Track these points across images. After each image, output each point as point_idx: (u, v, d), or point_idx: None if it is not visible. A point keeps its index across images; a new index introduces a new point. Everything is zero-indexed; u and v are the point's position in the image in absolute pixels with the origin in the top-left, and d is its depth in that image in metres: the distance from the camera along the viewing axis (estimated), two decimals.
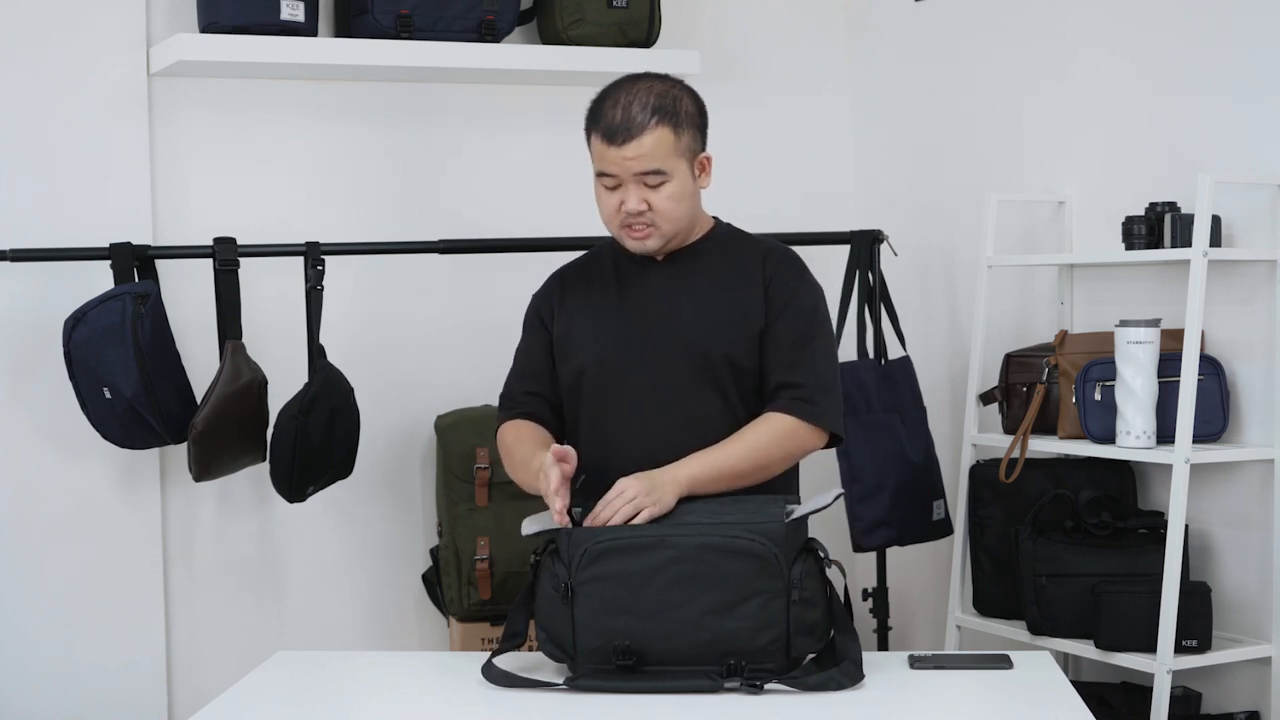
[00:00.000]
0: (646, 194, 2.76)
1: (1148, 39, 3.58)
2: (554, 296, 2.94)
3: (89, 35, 3.70)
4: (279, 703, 2.60)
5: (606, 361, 2.83)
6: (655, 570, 2.52)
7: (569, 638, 2.54)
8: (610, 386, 2.83)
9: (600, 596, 2.52)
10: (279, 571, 3.94)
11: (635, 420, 2.80)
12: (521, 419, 2.90)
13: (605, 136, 2.76)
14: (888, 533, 3.85)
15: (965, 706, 2.54)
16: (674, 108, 2.76)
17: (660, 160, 2.75)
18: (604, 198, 2.81)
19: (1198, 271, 3.22)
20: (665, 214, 2.78)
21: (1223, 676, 3.41)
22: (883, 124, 4.36)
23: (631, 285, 2.87)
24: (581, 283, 2.93)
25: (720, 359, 2.80)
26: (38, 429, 3.69)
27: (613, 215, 2.81)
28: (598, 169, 2.80)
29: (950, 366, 4.10)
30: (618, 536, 2.54)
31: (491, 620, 3.82)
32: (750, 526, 2.53)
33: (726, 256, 2.88)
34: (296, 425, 3.55)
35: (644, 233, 2.79)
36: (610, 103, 2.78)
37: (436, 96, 4.05)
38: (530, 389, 2.92)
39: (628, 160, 2.74)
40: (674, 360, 2.80)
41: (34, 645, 3.70)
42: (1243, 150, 3.36)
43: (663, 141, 2.74)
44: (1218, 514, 3.44)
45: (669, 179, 2.76)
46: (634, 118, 2.74)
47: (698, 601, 2.51)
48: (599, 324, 2.86)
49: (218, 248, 3.58)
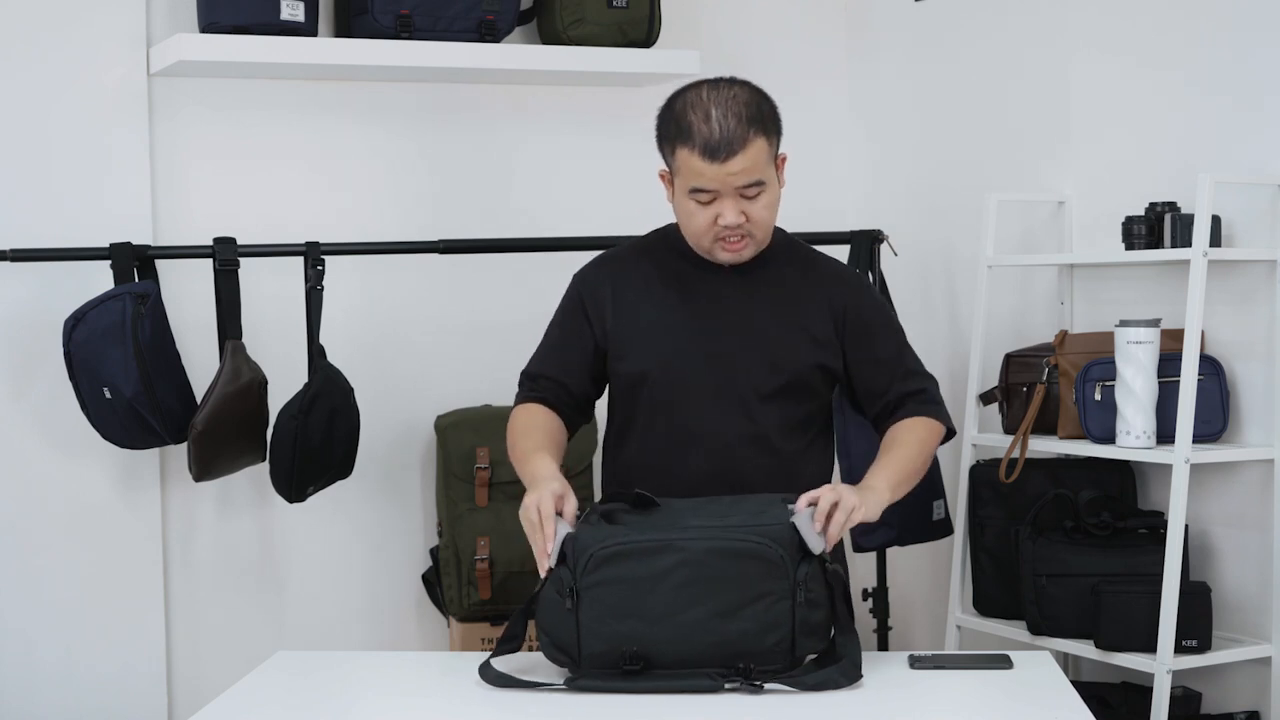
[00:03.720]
0: (745, 205, 2.70)
1: (1148, 39, 3.58)
2: (605, 287, 2.85)
3: (89, 35, 3.70)
4: (279, 703, 2.60)
5: (673, 366, 2.79)
6: (663, 574, 2.49)
7: (573, 642, 2.51)
8: (675, 391, 2.79)
9: (606, 601, 2.49)
10: (279, 571, 3.94)
11: (699, 427, 2.77)
12: (539, 403, 2.86)
13: (706, 153, 2.66)
14: (888, 533, 3.85)
15: (965, 706, 2.53)
16: (763, 115, 2.71)
17: (761, 171, 2.69)
18: (696, 213, 2.72)
19: (1198, 271, 3.22)
20: (762, 223, 2.74)
21: (1223, 676, 3.41)
22: (883, 124, 4.36)
23: (698, 289, 2.82)
24: (638, 279, 2.86)
25: (780, 376, 2.80)
26: (38, 429, 3.69)
27: (706, 230, 2.73)
28: (692, 185, 2.69)
29: (950, 366, 4.10)
30: (624, 541, 2.51)
31: (492, 620, 3.82)
32: (757, 529, 2.51)
33: (794, 269, 2.86)
34: (296, 425, 3.56)
35: (740, 244, 2.74)
36: (698, 115, 2.69)
37: (436, 97, 4.05)
38: (555, 374, 2.87)
39: (731, 175, 2.67)
40: (744, 371, 2.78)
41: (34, 645, 3.70)
42: (1243, 150, 3.36)
43: (762, 152, 2.69)
44: (1218, 514, 3.44)
45: (766, 188, 2.71)
46: (733, 131, 2.66)
47: (705, 605, 2.49)
48: (664, 326, 2.81)
49: (218, 248, 3.59)
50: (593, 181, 4.18)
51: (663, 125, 2.76)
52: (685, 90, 2.76)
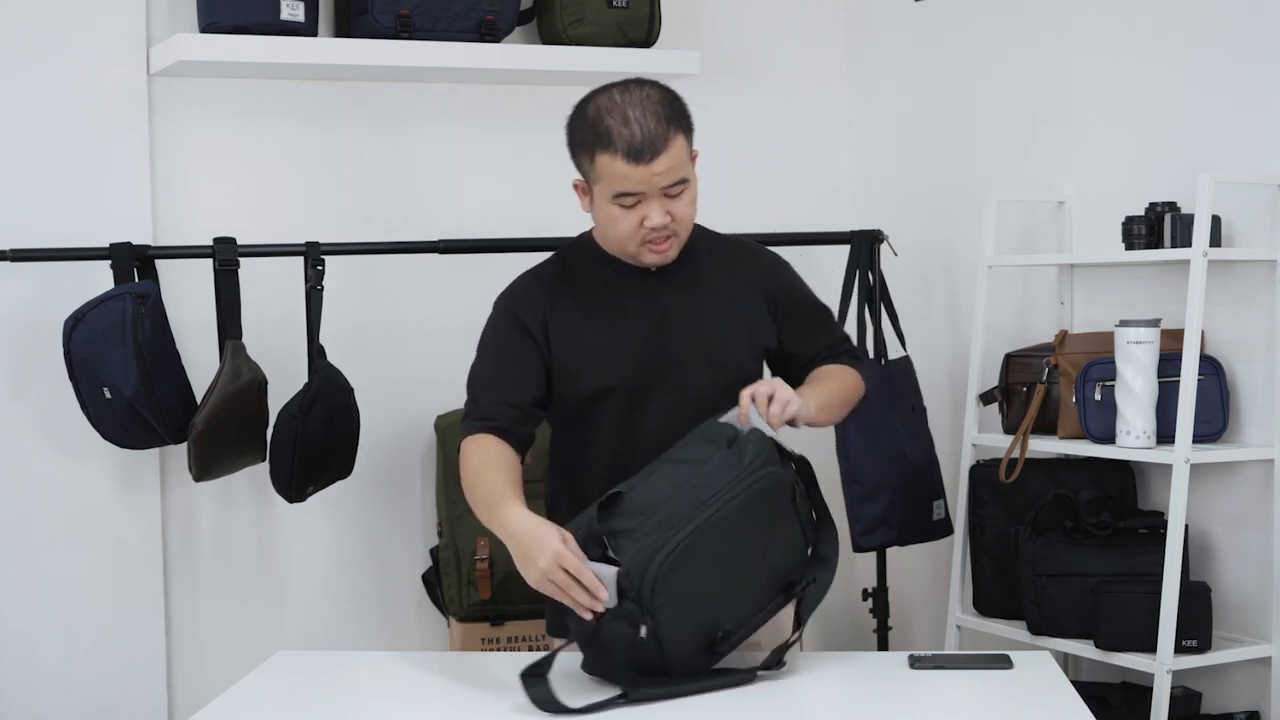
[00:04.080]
0: (669, 205, 2.68)
1: (1148, 39, 3.58)
2: (541, 308, 2.78)
3: (89, 35, 3.70)
4: (279, 703, 2.60)
5: (630, 379, 2.76)
6: (712, 556, 2.48)
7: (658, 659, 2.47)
8: (635, 402, 2.77)
9: (681, 610, 2.46)
10: (279, 571, 3.94)
11: (659, 435, 2.73)
12: (491, 434, 2.74)
13: (629, 155, 2.63)
14: (888, 533, 3.85)
15: (965, 706, 2.53)
16: (677, 112, 2.69)
17: (683, 169, 2.68)
18: (621, 218, 2.69)
19: (1198, 271, 3.22)
20: (686, 221, 2.72)
21: (1223, 676, 3.41)
22: (883, 124, 4.36)
23: (635, 297, 2.79)
24: (573, 296, 2.80)
25: (741, 367, 2.80)
26: (38, 429, 3.69)
27: (632, 234, 2.70)
28: (616, 189, 2.66)
29: (950, 366, 4.10)
30: (671, 549, 2.45)
31: (491, 620, 3.82)
32: (761, 460, 2.54)
33: (716, 261, 2.85)
34: (296, 425, 3.55)
35: (667, 244, 2.72)
36: (616, 118, 2.65)
37: (436, 96, 4.05)
38: (505, 399, 2.76)
39: (656, 176, 2.64)
40: (700, 372, 2.78)
41: (34, 645, 3.70)
42: (1243, 150, 3.36)
43: (682, 149, 2.67)
44: (1218, 514, 3.44)
45: (688, 185, 2.70)
46: (654, 131, 2.63)
47: (751, 553, 2.53)
48: (607, 340, 2.77)
49: (218, 248, 3.59)
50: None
51: (577, 134, 2.71)
52: (595, 96, 2.71)
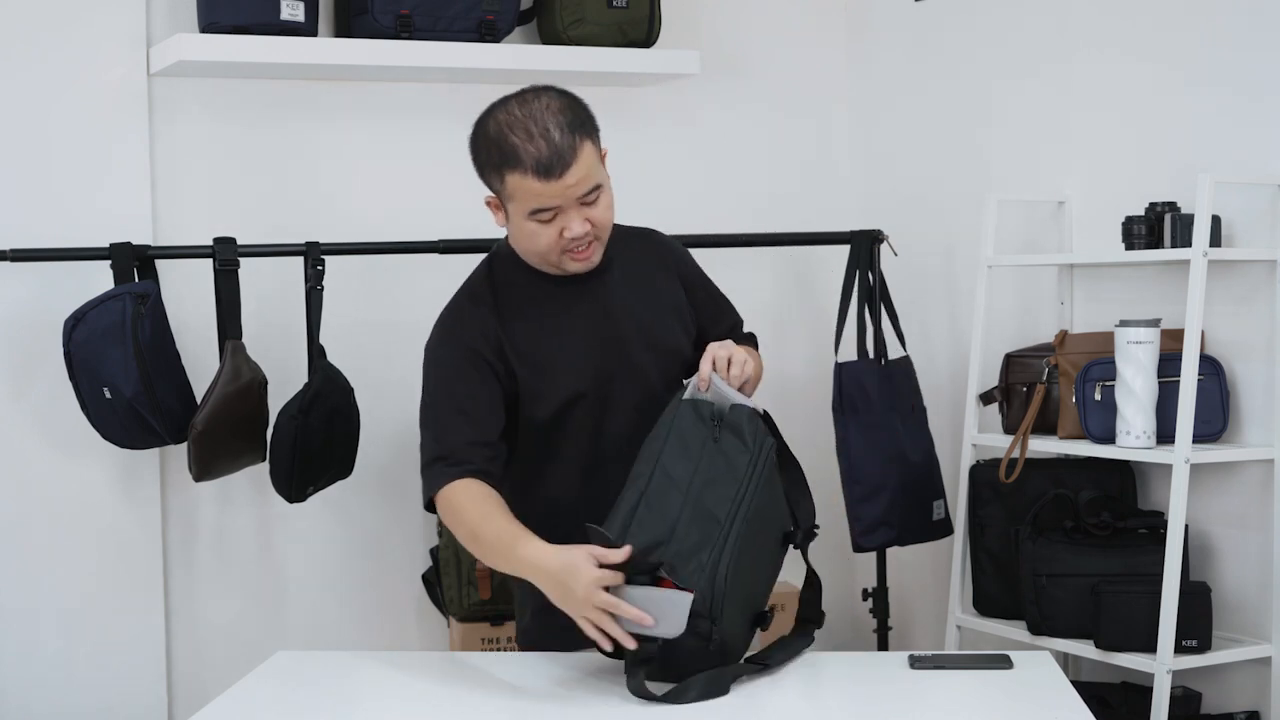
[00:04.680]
0: (587, 212, 2.65)
1: (1148, 39, 3.58)
2: (492, 328, 2.73)
3: (89, 35, 3.70)
4: (279, 703, 2.60)
5: (596, 382, 2.74)
6: (753, 543, 2.54)
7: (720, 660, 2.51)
8: (601, 409, 2.75)
9: (735, 608, 2.50)
10: (279, 571, 3.94)
11: (622, 438, 2.72)
12: (472, 478, 2.65)
13: (539, 172, 2.58)
14: (887, 533, 3.86)
15: (965, 706, 2.53)
16: (581, 118, 2.65)
17: (596, 175, 2.65)
18: (539, 233, 2.66)
19: (1198, 271, 3.22)
20: (606, 225, 2.70)
21: (1223, 676, 3.41)
22: (883, 124, 4.36)
23: (577, 301, 2.77)
24: (516, 310, 2.76)
25: (681, 350, 2.83)
26: (38, 429, 3.69)
27: (552, 246, 2.66)
28: (531, 206, 2.62)
29: (950, 366, 4.10)
30: (721, 558, 2.48)
31: (491, 620, 3.82)
32: (759, 435, 2.59)
33: (632, 253, 2.85)
34: (296, 425, 3.55)
35: (589, 250, 2.69)
36: (520, 135, 2.60)
37: (436, 96, 4.05)
38: (477, 438, 2.68)
39: (570, 188, 2.61)
40: (652, 366, 2.78)
41: (34, 645, 3.70)
42: (1243, 150, 3.36)
43: (591, 155, 2.64)
44: (1218, 514, 3.44)
45: (603, 189, 2.68)
46: (560, 143, 2.59)
47: (771, 526, 2.61)
48: (572, 347, 2.75)
49: (218, 248, 3.59)
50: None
51: (481, 153, 2.68)
52: (493, 112, 2.67)
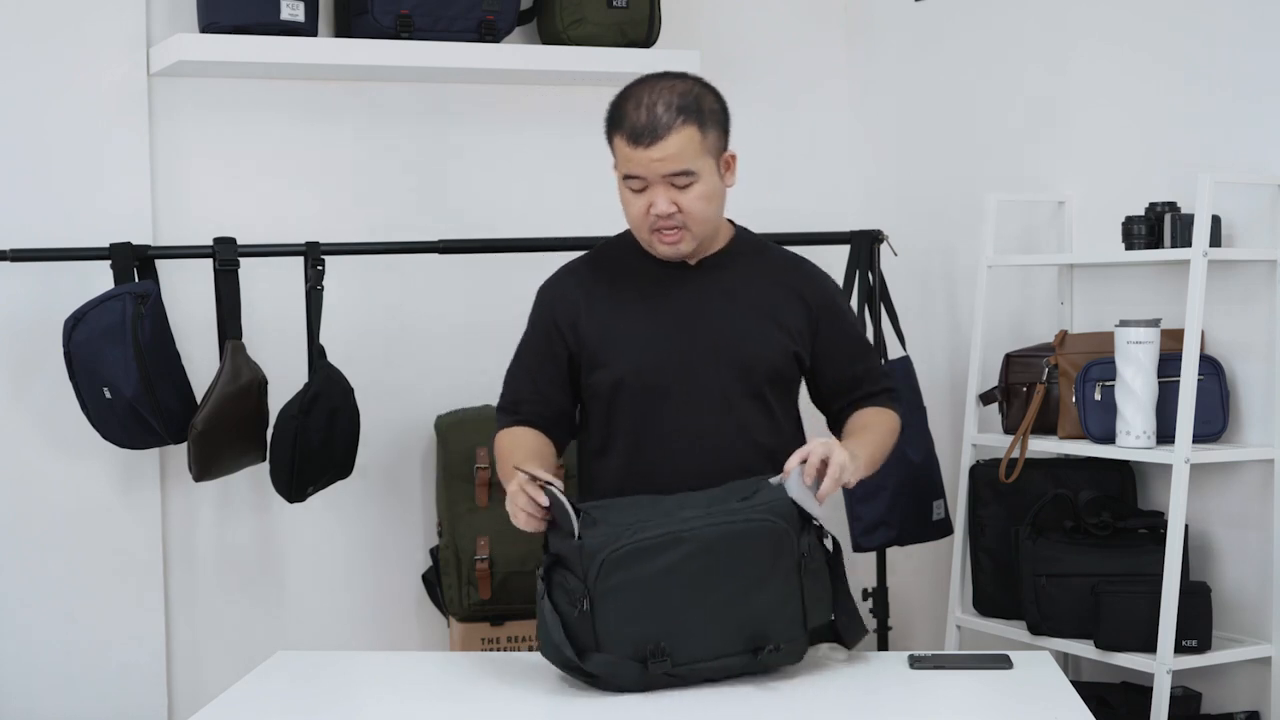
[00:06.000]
0: (675, 195, 2.71)
1: (1148, 39, 3.58)
2: (575, 299, 2.85)
3: (89, 35, 3.70)
4: (279, 703, 2.60)
5: (646, 372, 2.78)
6: (675, 567, 2.47)
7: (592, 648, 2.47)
8: (651, 397, 2.78)
9: (625, 605, 2.46)
10: (279, 571, 3.94)
11: (680, 431, 2.76)
12: (521, 426, 2.85)
13: (630, 138, 2.69)
14: (887, 533, 3.85)
15: (965, 706, 2.54)
16: (698, 106, 2.72)
17: (688, 160, 2.70)
18: (631, 201, 2.75)
19: (1198, 271, 3.22)
20: (695, 215, 2.74)
21: (1223, 676, 3.41)
22: (883, 124, 4.36)
23: (663, 292, 2.82)
24: (604, 285, 2.85)
25: (762, 368, 2.80)
26: (38, 429, 3.69)
27: (641, 219, 2.75)
28: (623, 172, 2.74)
29: (950, 366, 4.10)
30: (633, 541, 2.47)
31: (492, 620, 3.82)
32: (759, 508, 2.51)
33: (757, 264, 2.87)
34: (296, 425, 3.56)
35: (676, 236, 2.75)
36: (633, 103, 2.71)
37: (436, 96, 4.05)
38: (533, 396, 2.86)
39: (655, 162, 2.69)
40: (717, 370, 2.78)
41: (34, 645, 3.70)
42: (1243, 150, 3.36)
43: (691, 141, 2.70)
44: (1218, 514, 3.44)
45: (697, 179, 2.72)
46: (659, 118, 2.68)
47: (721, 590, 2.48)
48: (635, 332, 2.81)
49: (218, 248, 3.59)
50: (592, 181, 4.17)
51: (607, 118, 2.78)
52: (632, 83, 2.78)
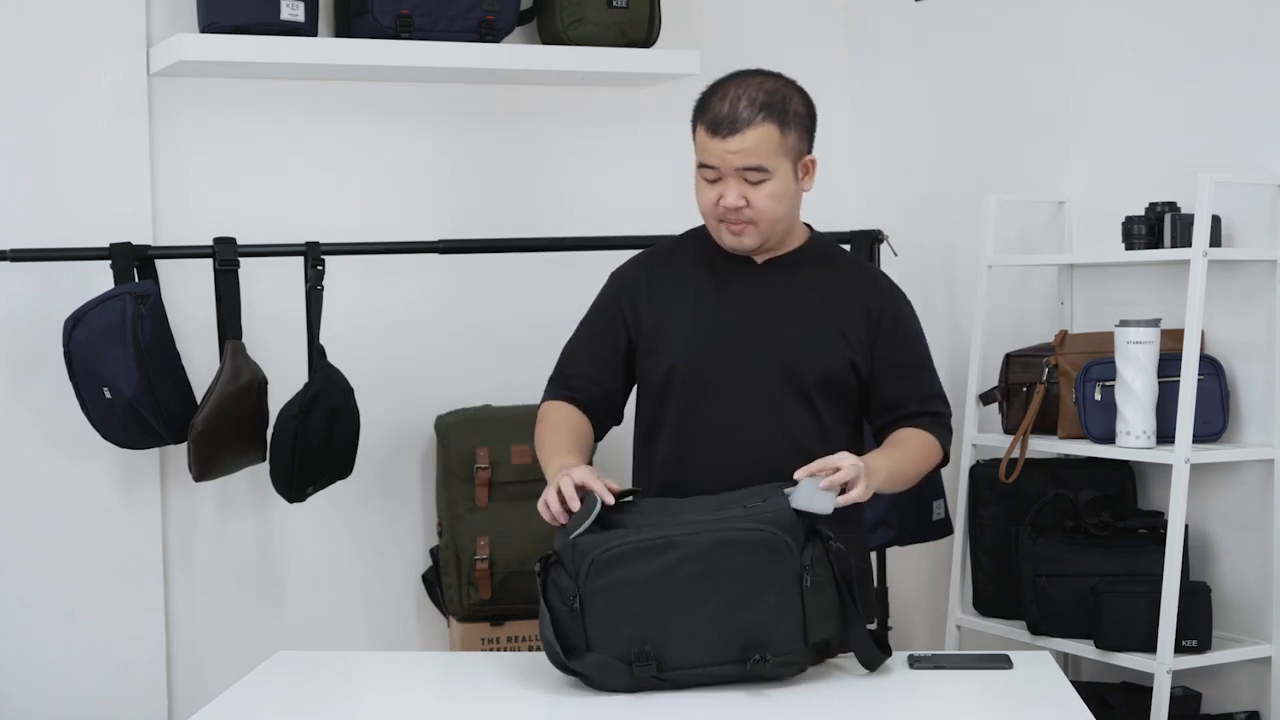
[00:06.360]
0: (746, 190, 2.74)
1: (1148, 39, 3.58)
2: (640, 284, 2.88)
3: (89, 35, 3.70)
4: (279, 703, 2.60)
5: (698, 362, 2.80)
6: (666, 572, 2.46)
7: (582, 648, 2.47)
8: (698, 388, 2.80)
9: (613, 605, 2.46)
10: (279, 571, 3.94)
11: (727, 424, 2.77)
12: (569, 402, 2.87)
13: (710, 128, 2.73)
14: (887, 533, 3.85)
15: (965, 706, 2.53)
16: (782, 105, 2.74)
17: (763, 157, 2.72)
18: (704, 190, 2.78)
19: (1198, 271, 3.22)
20: (764, 212, 2.75)
21: (1223, 676, 3.41)
22: (882, 124, 4.36)
23: (728, 286, 2.84)
24: (671, 275, 2.88)
25: (813, 373, 2.79)
26: (38, 429, 3.69)
27: (711, 208, 2.78)
28: (700, 159, 2.77)
29: (950, 366, 4.09)
30: (624, 543, 2.47)
31: (492, 620, 3.82)
32: (758, 517, 2.48)
33: (826, 269, 2.88)
34: (296, 425, 3.56)
35: (741, 229, 2.77)
36: (719, 95, 2.75)
37: (436, 97, 4.05)
38: (588, 373, 2.88)
39: (730, 154, 2.72)
40: (767, 369, 2.79)
41: (34, 645, 3.70)
42: (1243, 150, 3.36)
43: (767, 138, 2.72)
44: (1218, 514, 3.44)
45: (770, 177, 2.74)
46: (740, 112, 2.71)
47: (713, 599, 2.46)
48: (692, 322, 2.83)
49: (218, 248, 3.59)
50: (592, 181, 4.18)
51: (695, 106, 2.81)
52: (725, 75, 2.81)
